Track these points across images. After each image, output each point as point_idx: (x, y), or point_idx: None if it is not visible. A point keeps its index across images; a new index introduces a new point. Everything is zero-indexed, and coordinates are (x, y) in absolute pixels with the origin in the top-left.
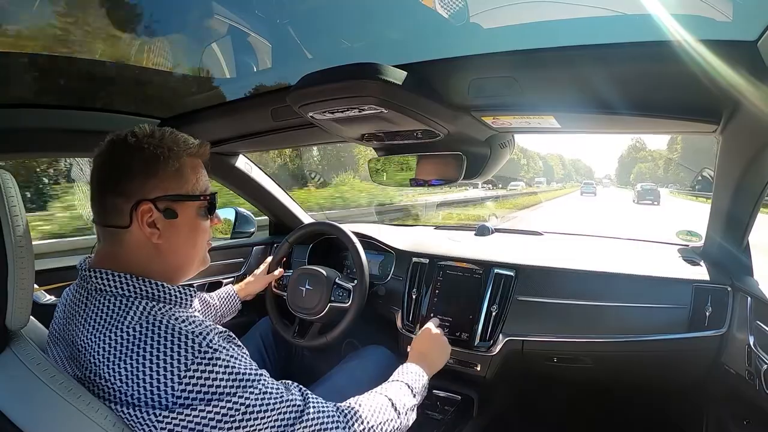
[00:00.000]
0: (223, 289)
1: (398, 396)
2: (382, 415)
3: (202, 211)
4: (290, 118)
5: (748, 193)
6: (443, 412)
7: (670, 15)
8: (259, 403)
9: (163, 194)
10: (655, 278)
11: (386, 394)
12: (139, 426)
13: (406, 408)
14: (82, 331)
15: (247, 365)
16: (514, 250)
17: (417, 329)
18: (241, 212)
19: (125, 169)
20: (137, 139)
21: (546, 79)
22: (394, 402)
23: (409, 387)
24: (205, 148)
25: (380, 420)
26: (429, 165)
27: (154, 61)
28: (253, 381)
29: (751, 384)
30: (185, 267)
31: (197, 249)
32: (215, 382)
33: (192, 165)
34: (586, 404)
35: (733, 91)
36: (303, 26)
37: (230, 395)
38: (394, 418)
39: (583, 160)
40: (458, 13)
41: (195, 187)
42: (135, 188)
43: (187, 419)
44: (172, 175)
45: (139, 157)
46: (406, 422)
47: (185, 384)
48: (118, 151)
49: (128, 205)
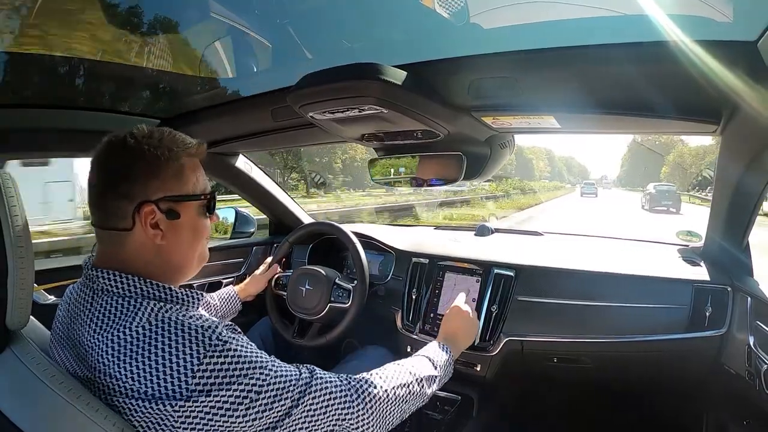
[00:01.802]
0: (224, 289)
1: (416, 365)
2: (395, 380)
3: (202, 210)
4: (290, 118)
5: (748, 193)
6: (443, 412)
7: (670, 15)
8: (270, 384)
9: (165, 195)
10: (655, 278)
11: (402, 363)
12: (154, 419)
13: (423, 376)
14: (88, 331)
15: (256, 352)
16: (514, 250)
17: (417, 329)
18: (241, 212)
19: (126, 171)
20: (136, 141)
21: (546, 80)
22: (410, 370)
23: (429, 359)
24: (202, 147)
25: (393, 384)
26: (429, 165)
27: (154, 61)
28: (264, 363)
29: (751, 384)
30: (187, 266)
31: (198, 247)
32: (228, 370)
33: (191, 165)
34: (586, 404)
35: (733, 91)
36: (303, 26)
37: (243, 377)
38: (409, 383)
39: (577, 158)
40: (458, 14)
41: (195, 187)
42: (137, 190)
43: (202, 406)
44: (173, 176)
45: (139, 159)
46: (423, 391)
47: (199, 377)
48: (117, 153)
49: (131, 207)
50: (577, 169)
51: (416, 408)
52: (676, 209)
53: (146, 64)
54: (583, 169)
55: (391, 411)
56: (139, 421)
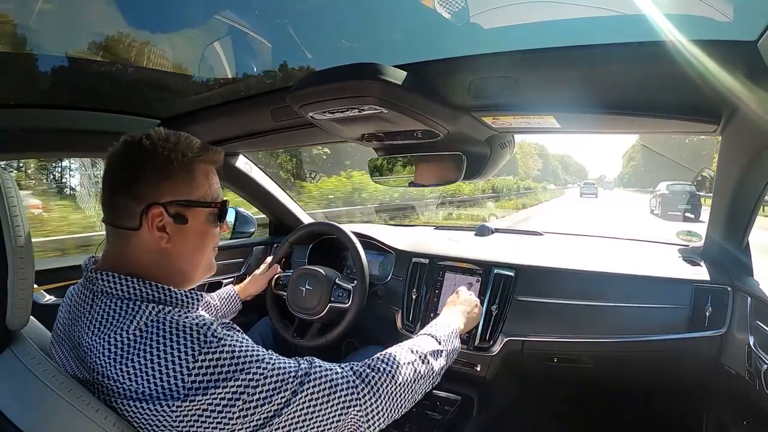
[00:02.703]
0: (224, 289)
1: (417, 342)
2: (398, 361)
3: (212, 218)
4: (290, 118)
5: (748, 193)
6: (443, 412)
7: (670, 15)
8: (268, 376)
9: (175, 199)
10: (655, 278)
11: (403, 344)
12: (153, 419)
13: (426, 351)
14: (88, 333)
15: (252, 347)
16: (514, 250)
17: (417, 329)
18: (241, 212)
19: (138, 171)
20: (152, 142)
21: (546, 79)
22: (412, 348)
23: (432, 336)
24: (219, 155)
25: (397, 365)
26: (429, 165)
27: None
28: (261, 356)
29: (751, 384)
30: (191, 273)
31: (204, 255)
32: (224, 366)
33: (205, 171)
34: (587, 404)
35: (732, 91)
36: (303, 26)
37: (240, 372)
38: (413, 361)
39: (574, 156)
40: (459, 14)
41: (207, 194)
42: (147, 191)
43: (200, 405)
44: (185, 181)
45: (152, 161)
46: (431, 367)
47: (195, 375)
48: (132, 153)
49: (139, 207)
50: (575, 168)
51: (428, 387)
52: (696, 215)
53: (146, 64)
54: (581, 168)
55: (400, 393)
56: (138, 422)
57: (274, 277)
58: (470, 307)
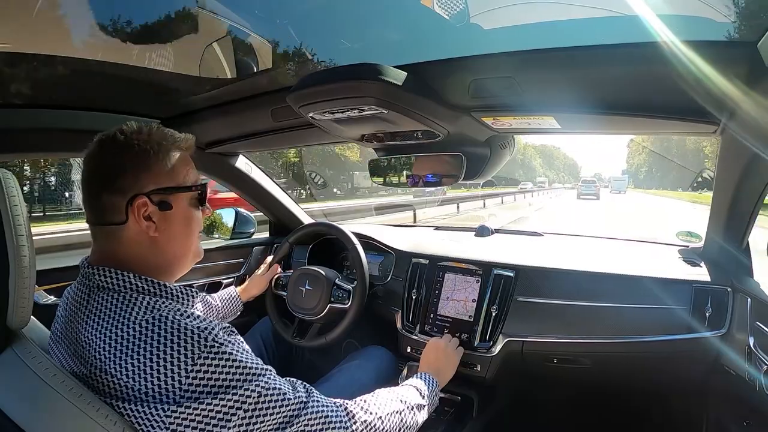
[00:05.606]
0: (226, 290)
1: (405, 393)
2: (388, 407)
3: (194, 201)
4: (290, 118)
5: (748, 193)
6: (443, 412)
7: (670, 16)
8: (264, 396)
9: (157, 187)
10: (655, 279)
11: (392, 390)
12: (147, 423)
13: (413, 403)
14: (86, 328)
15: (252, 359)
16: (513, 250)
17: (417, 330)
18: (241, 212)
19: (118, 166)
20: (126, 137)
21: (546, 80)
22: (400, 397)
23: (416, 388)
24: (191, 141)
25: (387, 411)
26: (429, 165)
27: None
28: (259, 375)
29: (751, 385)
30: (181, 259)
31: (192, 240)
32: (222, 375)
33: (181, 158)
34: (586, 405)
35: (732, 92)
36: (303, 26)
37: (237, 388)
38: (401, 410)
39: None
40: (458, 14)
41: (186, 179)
42: (129, 184)
43: (194, 413)
44: (164, 169)
45: (130, 154)
46: (414, 418)
47: (192, 378)
48: (109, 150)
49: (123, 201)
50: (561, 162)
51: None
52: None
53: (146, 64)
54: (573, 164)
55: None
56: (134, 422)
57: (274, 277)
58: (445, 357)
